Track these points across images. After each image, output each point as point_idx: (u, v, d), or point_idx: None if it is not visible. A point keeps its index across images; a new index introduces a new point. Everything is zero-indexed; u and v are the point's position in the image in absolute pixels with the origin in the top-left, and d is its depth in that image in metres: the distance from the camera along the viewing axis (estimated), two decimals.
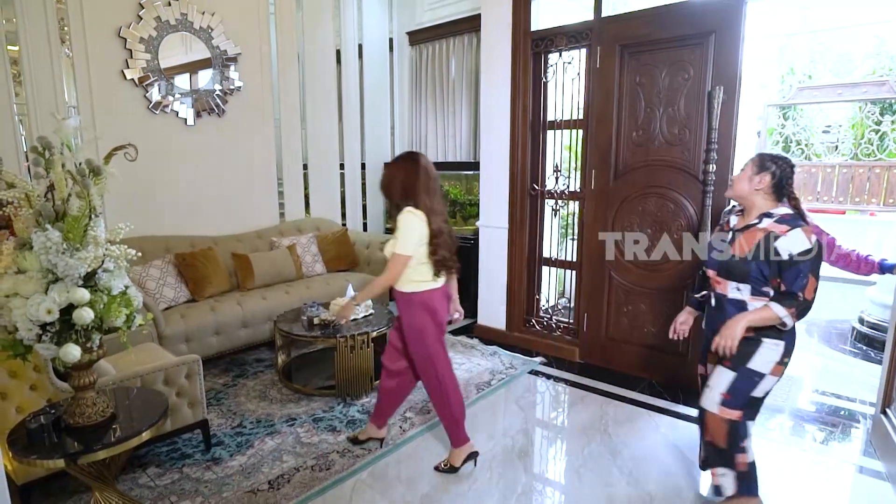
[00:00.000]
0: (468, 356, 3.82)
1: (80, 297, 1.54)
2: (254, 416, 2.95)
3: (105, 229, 1.67)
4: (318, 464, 2.49)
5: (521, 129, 3.84)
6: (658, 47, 3.19)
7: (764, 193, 2.02)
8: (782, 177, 2.01)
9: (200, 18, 3.94)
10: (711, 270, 2.11)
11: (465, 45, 5.01)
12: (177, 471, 2.43)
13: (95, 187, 1.70)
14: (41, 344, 1.56)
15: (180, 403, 2.49)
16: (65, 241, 1.58)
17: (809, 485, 2.38)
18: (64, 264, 1.55)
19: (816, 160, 7.33)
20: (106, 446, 1.73)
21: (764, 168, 2.02)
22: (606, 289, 3.58)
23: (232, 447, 2.63)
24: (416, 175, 2.26)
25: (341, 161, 5.26)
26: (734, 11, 2.91)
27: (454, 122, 5.21)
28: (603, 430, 2.81)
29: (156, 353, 2.75)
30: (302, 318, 3.32)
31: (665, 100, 3.20)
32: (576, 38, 3.53)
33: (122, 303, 1.67)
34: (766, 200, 2.02)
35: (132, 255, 1.66)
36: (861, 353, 4.01)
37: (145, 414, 1.94)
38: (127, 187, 3.66)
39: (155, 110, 3.79)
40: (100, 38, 3.51)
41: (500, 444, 2.68)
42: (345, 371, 3.07)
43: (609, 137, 3.43)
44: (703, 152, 3.09)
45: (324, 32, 4.91)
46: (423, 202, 2.25)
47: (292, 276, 4.18)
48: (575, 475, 2.43)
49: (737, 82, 2.94)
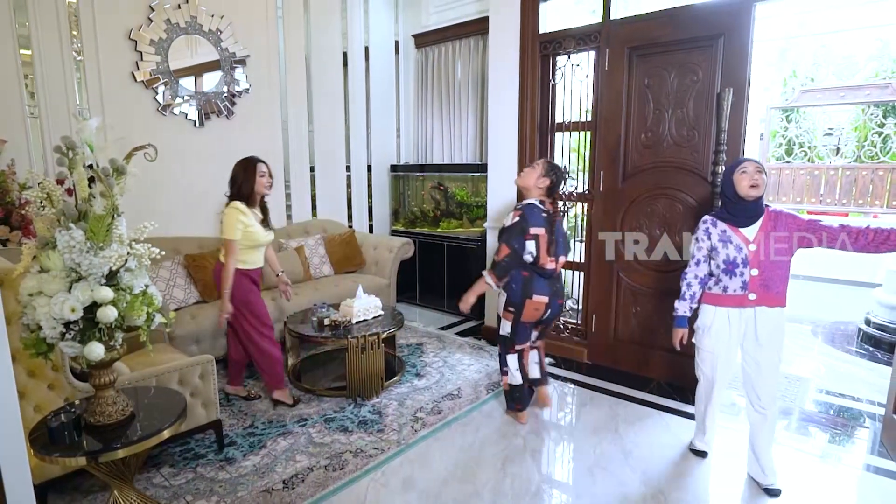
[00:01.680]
0: (477, 357, 3.83)
1: (103, 295, 1.56)
2: (265, 416, 2.96)
3: (127, 228, 1.68)
4: (332, 463, 2.49)
5: (528, 131, 3.86)
6: (667, 50, 3.21)
7: (538, 189, 2.75)
8: (556, 183, 2.77)
9: (210, 21, 3.96)
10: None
11: (471, 48, 5.03)
12: (191, 470, 2.44)
13: (117, 187, 1.71)
14: (65, 342, 1.57)
15: (194, 403, 2.50)
16: (88, 240, 1.60)
17: (821, 484, 2.38)
18: (88, 263, 1.56)
19: (819, 162, 7.36)
20: (126, 444, 1.73)
21: (547, 174, 2.75)
22: (615, 290, 3.60)
23: (245, 447, 2.64)
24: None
25: (347, 163, 5.27)
26: (743, 14, 2.93)
27: (460, 125, 5.23)
28: (614, 430, 2.82)
29: (169, 353, 2.76)
30: (311, 318, 3.33)
31: (674, 102, 3.22)
32: (584, 41, 3.55)
33: (143, 301, 1.68)
34: (539, 195, 2.77)
35: (156, 254, 1.67)
36: (868, 354, 4.02)
37: (164, 413, 1.95)
38: (136, 188, 3.63)
39: (164, 112, 3.81)
40: (111, 41, 3.52)
41: (513, 445, 2.69)
42: (355, 371, 3.08)
43: (617, 139, 3.45)
44: (712, 154, 3.10)
45: (330, 35, 4.94)
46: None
47: (300, 277, 4.19)
48: (588, 475, 2.44)
49: (746, 84, 2.96)
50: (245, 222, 2.78)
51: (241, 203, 2.80)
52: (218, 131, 4.12)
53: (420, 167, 5.56)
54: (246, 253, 2.87)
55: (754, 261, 2.23)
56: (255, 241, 2.86)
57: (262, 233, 2.88)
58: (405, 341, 4.15)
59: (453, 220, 5.18)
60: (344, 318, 3.27)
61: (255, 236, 2.84)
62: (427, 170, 5.47)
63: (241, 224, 2.76)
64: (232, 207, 2.78)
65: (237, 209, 2.77)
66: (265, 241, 2.93)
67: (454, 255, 4.93)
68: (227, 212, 2.78)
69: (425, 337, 4.28)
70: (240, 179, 2.83)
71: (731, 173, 2.28)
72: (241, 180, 2.83)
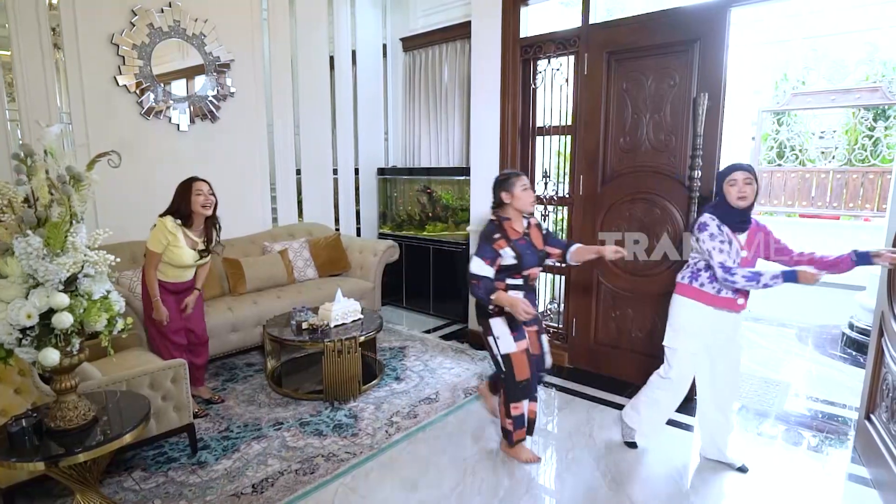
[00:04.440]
0: (458, 361, 3.83)
1: (59, 301, 1.57)
2: (241, 420, 2.97)
3: (85, 235, 1.69)
4: (303, 468, 2.50)
5: (510, 135, 3.87)
6: (644, 54, 3.22)
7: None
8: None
9: (193, 25, 3.98)
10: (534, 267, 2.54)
11: (457, 52, 5.05)
12: (162, 474, 2.45)
13: (77, 194, 1.72)
14: (21, 348, 1.58)
15: (166, 407, 2.51)
16: (46, 246, 1.61)
17: (798, 492, 2.38)
18: (44, 269, 1.57)
19: (811, 165, 7.35)
20: (87, 449, 1.75)
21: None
22: (595, 294, 3.60)
23: (218, 451, 2.65)
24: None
25: (335, 166, 5.29)
26: (718, 19, 2.93)
27: (447, 128, 5.25)
28: (588, 435, 2.83)
29: (143, 357, 2.77)
30: (291, 322, 3.34)
31: (651, 106, 3.23)
32: (564, 45, 3.56)
33: (102, 307, 1.69)
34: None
35: (111, 261, 1.68)
36: (850, 359, 4.02)
37: (128, 417, 1.96)
38: (121, 193, 3.71)
39: (148, 116, 3.83)
40: (93, 45, 3.54)
41: (485, 449, 2.70)
42: (332, 375, 3.09)
43: (597, 143, 3.46)
44: (688, 158, 3.11)
45: (317, 38, 4.95)
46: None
47: (284, 280, 4.20)
48: (557, 480, 2.45)
49: (721, 89, 2.96)
50: (169, 240, 2.76)
51: (171, 220, 2.79)
52: (203, 135, 4.14)
53: (408, 170, 5.57)
54: (167, 268, 2.87)
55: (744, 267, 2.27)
56: (178, 262, 2.84)
57: (186, 255, 2.84)
58: (388, 344, 4.16)
59: (439, 223, 5.19)
60: (322, 321, 3.28)
61: (176, 257, 2.82)
62: (414, 173, 5.48)
63: (166, 240, 2.76)
64: (161, 222, 2.78)
65: (165, 225, 2.77)
66: (188, 264, 2.90)
67: (440, 258, 4.94)
68: (157, 224, 2.78)
69: (408, 340, 4.29)
70: (178, 199, 2.83)
71: (722, 181, 2.30)
72: (178, 200, 2.83)
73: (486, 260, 2.43)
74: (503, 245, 2.45)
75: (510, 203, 2.49)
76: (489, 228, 2.51)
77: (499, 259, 2.44)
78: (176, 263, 2.84)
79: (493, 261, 2.43)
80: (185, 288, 3.01)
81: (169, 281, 2.90)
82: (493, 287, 2.42)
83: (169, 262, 2.84)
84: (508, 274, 2.49)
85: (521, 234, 2.52)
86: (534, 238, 2.57)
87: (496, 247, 2.44)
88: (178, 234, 2.79)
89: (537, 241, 2.58)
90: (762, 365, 3.89)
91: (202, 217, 2.89)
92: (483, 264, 2.42)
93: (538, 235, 2.60)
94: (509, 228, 2.49)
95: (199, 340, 3.12)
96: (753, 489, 2.37)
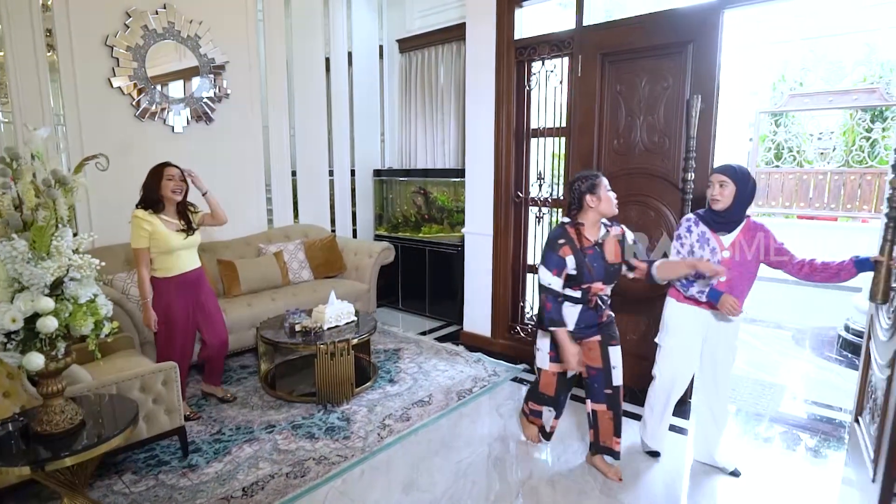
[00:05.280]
0: (452, 363, 3.83)
1: (44, 305, 1.56)
2: (234, 422, 2.96)
3: (72, 238, 1.69)
4: (294, 471, 2.49)
5: (505, 137, 3.87)
6: (638, 56, 3.22)
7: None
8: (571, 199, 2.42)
9: (188, 27, 3.97)
10: (598, 282, 2.33)
11: (454, 53, 5.04)
12: (152, 477, 2.44)
13: (64, 197, 1.72)
14: (5, 352, 1.58)
15: (157, 410, 2.50)
16: (31, 250, 1.60)
17: (793, 496, 2.37)
18: (29, 273, 1.56)
19: (808, 167, 7.35)
20: (73, 453, 1.74)
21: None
22: None
23: (209, 454, 2.64)
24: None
25: (331, 168, 5.28)
26: (711, 21, 2.93)
27: (443, 129, 5.24)
28: (580, 439, 2.82)
29: (135, 360, 2.76)
30: (284, 324, 3.33)
31: (645, 108, 3.22)
32: (558, 47, 3.56)
33: (88, 311, 1.68)
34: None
35: (96, 265, 1.67)
36: (846, 361, 4.01)
37: (116, 421, 1.96)
38: (115, 195, 3.70)
39: (142, 118, 3.82)
40: (87, 46, 3.54)
41: (477, 452, 2.69)
42: (325, 378, 3.08)
43: (591, 145, 3.45)
44: (682, 160, 3.10)
45: (313, 40, 4.95)
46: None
47: (278, 282, 4.20)
48: (549, 484, 2.43)
49: (714, 91, 2.95)
50: (149, 229, 2.72)
51: (143, 211, 2.74)
52: (198, 137, 4.13)
53: (404, 172, 5.57)
54: (162, 259, 2.81)
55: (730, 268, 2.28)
56: (167, 246, 2.77)
57: (172, 236, 2.78)
58: (382, 346, 4.15)
59: (435, 224, 5.18)
60: (315, 324, 3.27)
61: (164, 241, 2.76)
62: (410, 175, 5.48)
63: (145, 231, 2.71)
64: (134, 216, 2.73)
65: (138, 217, 2.72)
66: (179, 245, 2.82)
67: (435, 259, 4.94)
68: (131, 221, 2.74)
69: (403, 342, 4.28)
70: (149, 183, 2.78)
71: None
72: (149, 184, 2.78)
73: (553, 270, 2.26)
74: (568, 252, 2.26)
75: (594, 207, 2.27)
76: (556, 233, 2.33)
77: (565, 269, 2.27)
78: (166, 249, 2.78)
79: (560, 270, 2.26)
80: (194, 278, 2.93)
81: (173, 274, 2.83)
82: (558, 319, 2.30)
83: (162, 252, 2.78)
84: (568, 284, 2.32)
85: (593, 244, 2.30)
86: (607, 249, 2.32)
87: (561, 254, 2.26)
88: (153, 220, 2.74)
89: (611, 254, 2.32)
90: (758, 367, 3.88)
91: (173, 202, 2.83)
92: (550, 275, 2.27)
93: (615, 248, 2.33)
94: (581, 235, 2.29)
95: (219, 339, 3.07)
96: (748, 494, 2.36)
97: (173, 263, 2.83)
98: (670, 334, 2.49)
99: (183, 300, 2.87)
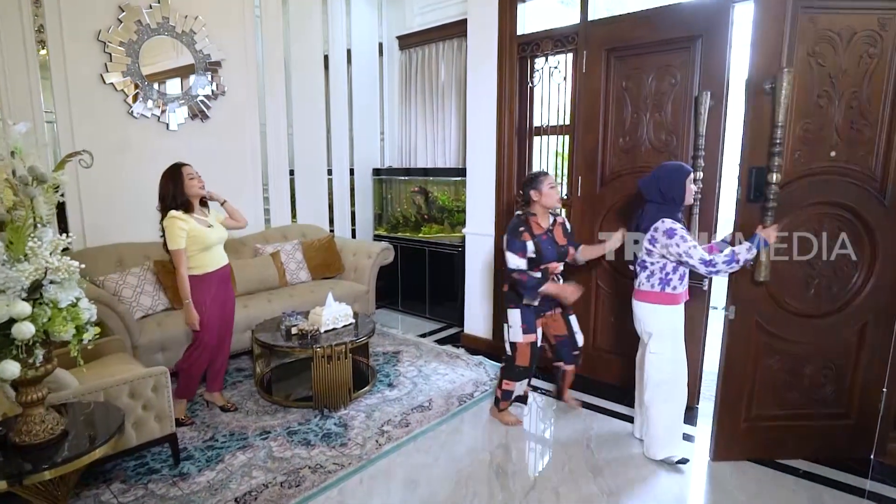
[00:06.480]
0: (452, 366, 3.73)
1: (20, 310, 1.47)
2: (227, 428, 2.87)
3: (50, 240, 1.60)
4: (289, 480, 2.40)
5: (507, 135, 3.77)
6: (644, 51, 3.12)
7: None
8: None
9: (183, 22, 3.88)
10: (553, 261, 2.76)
11: (454, 50, 4.95)
12: (142, 487, 2.35)
13: (44, 196, 1.63)
14: None
15: (146, 417, 2.41)
16: (7, 251, 1.51)
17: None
18: (4, 276, 1.48)
19: None
20: (53, 466, 1.66)
21: None
22: (593, 298, 3.50)
23: (201, 462, 2.55)
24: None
25: (329, 167, 5.20)
26: (721, 15, 2.83)
27: (444, 128, 5.15)
28: (585, 446, 2.73)
29: (125, 364, 2.67)
30: (280, 327, 3.24)
31: (652, 105, 3.13)
32: (562, 43, 3.46)
33: (69, 316, 1.59)
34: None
35: (74, 268, 1.58)
36: None
37: (100, 430, 1.87)
38: (107, 193, 3.62)
39: (135, 115, 3.74)
40: (78, 42, 3.45)
41: (478, 460, 2.60)
42: (322, 382, 2.99)
43: (595, 143, 3.36)
44: (690, 159, 3.01)
45: (312, 37, 4.87)
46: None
47: (275, 283, 4.11)
48: (553, 493, 2.34)
49: (724, 88, 2.86)
50: (186, 229, 2.72)
51: (178, 211, 2.73)
52: (193, 134, 4.05)
53: (404, 171, 5.48)
54: (199, 258, 2.81)
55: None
56: (205, 242, 2.80)
57: (207, 232, 2.81)
58: (381, 349, 4.06)
59: (435, 225, 5.09)
60: (312, 326, 3.18)
61: (202, 238, 2.78)
62: (411, 174, 5.39)
63: (183, 232, 2.71)
64: (170, 217, 2.71)
65: (175, 217, 2.71)
66: (216, 239, 2.87)
67: (435, 260, 4.85)
68: (167, 223, 2.71)
69: (403, 344, 4.19)
70: (171, 190, 2.76)
71: (684, 178, 2.40)
72: (172, 191, 2.76)
73: (518, 253, 2.66)
74: (527, 237, 2.67)
75: (538, 200, 2.72)
76: (515, 223, 2.74)
77: (526, 252, 2.66)
78: (205, 246, 2.80)
79: (524, 252, 2.66)
80: (227, 274, 3.01)
81: (212, 270, 2.87)
82: (538, 280, 2.65)
83: (202, 249, 2.80)
84: (529, 267, 2.69)
85: (545, 230, 2.75)
86: (556, 235, 2.80)
87: (523, 239, 2.66)
88: (189, 219, 2.75)
89: (559, 238, 2.81)
90: None
91: (197, 199, 2.87)
92: (516, 258, 2.66)
93: (561, 232, 2.84)
94: (534, 224, 2.72)
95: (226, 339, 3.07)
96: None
97: (210, 259, 2.87)
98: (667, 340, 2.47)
99: (222, 294, 2.95)
